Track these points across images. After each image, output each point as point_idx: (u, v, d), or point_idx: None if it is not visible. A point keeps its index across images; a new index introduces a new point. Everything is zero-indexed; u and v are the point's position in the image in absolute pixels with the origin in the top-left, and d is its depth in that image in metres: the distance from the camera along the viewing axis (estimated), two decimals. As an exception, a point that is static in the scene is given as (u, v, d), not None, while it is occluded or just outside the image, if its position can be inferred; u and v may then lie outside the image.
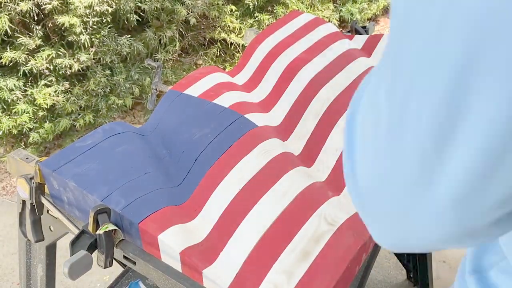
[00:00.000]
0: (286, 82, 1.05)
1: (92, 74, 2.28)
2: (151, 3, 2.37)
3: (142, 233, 0.73)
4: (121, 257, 0.78)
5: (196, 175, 0.83)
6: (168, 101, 1.00)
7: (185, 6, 2.55)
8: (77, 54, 2.16)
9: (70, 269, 0.67)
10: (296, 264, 0.67)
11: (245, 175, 0.80)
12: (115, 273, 1.49)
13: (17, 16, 2.00)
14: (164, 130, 0.94)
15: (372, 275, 1.79)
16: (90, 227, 0.72)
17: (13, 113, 2.13)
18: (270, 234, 0.71)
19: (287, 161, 0.85)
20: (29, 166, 0.91)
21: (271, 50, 1.14)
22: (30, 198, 0.86)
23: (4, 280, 1.79)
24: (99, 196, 0.77)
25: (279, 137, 0.93)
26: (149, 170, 0.83)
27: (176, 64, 2.90)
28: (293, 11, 1.29)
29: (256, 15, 2.99)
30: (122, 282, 1.39)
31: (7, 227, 2.03)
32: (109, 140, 0.88)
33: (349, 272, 0.70)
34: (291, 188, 0.78)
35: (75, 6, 2.02)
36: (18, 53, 2.02)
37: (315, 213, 0.75)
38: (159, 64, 1.23)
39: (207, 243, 0.73)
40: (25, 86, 2.15)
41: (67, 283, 1.71)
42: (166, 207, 0.76)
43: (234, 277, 0.67)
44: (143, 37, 2.48)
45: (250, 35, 1.38)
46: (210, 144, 0.87)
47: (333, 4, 3.53)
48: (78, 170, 0.81)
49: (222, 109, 0.94)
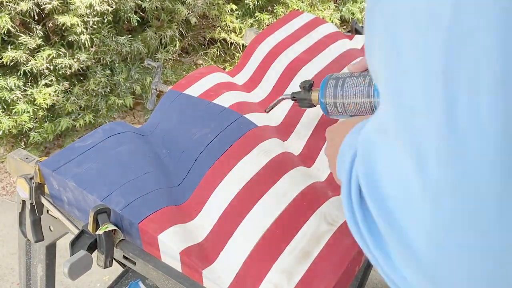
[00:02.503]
0: (286, 82, 1.05)
1: (92, 74, 2.28)
2: (152, 2, 2.37)
3: (142, 233, 0.73)
4: (121, 257, 0.78)
5: (196, 175, 0.83)
6: (168, 101, 1.00)
7: (185, 5, 2.55)
8: (77, 54, 2.16)
9: (70, 269, 0.67)
10: (296, 264, 0.67)
11: (245, 175, 0.80)
12: (115, 273, 1.49)
13: (18, 15, 1.99)
14: (164, 130, 0.94)
15: (372, 275, 1.79)
16: (90, 227, 0.72)
17: (13, 113, 2.13)
18: (270, 234, 0.71)
19: (287, 161, 0.85)
20: (29, 166, 0.91)
21: (271, 50, 1.14)
22: (30, 198, 0.86)
23: (4, 280, 1.79)
24: (99, 196, 0.77)
25: (279, 137, 0.92)
26: (149, 170, 0.83)
27: (176, 64, 2.90)
28: (293, 11, 1.29)
29: (256, 15, 2.99)
30: (122, 282, 1.39)
31: (7, 227, 2.03)
32: (109, 140, 0.88)
33: (349, 272, 0.70)
34: (291, 188, 0.78)
35: (76, 6, 2.02)
36: (19, 53, 2.02)
37: (315, 213, 0.75)
38: (159, 64, 1.23)
39: (207, 243, 0.73)
40: (25, 86, 2.15)
41: (67, 283, 1.71)
42: (166, 207, 0.76)
43: (234, 277, 0.67)
44: (144, 37, 2.48)
45: (250, 35, 1.38)
46: (210, 144, 0.87)
47: (334, 4, 3.53)
48: (78, 170, 0.81)
49: (222, 109, 0.94)
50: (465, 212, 0.25)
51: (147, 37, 2.48)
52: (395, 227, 0.29)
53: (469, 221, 0.25)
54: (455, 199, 0.25)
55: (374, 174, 0.31)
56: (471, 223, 0.25)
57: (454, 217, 0.25)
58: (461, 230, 0.25)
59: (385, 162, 0.30)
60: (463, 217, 0.25)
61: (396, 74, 0.27)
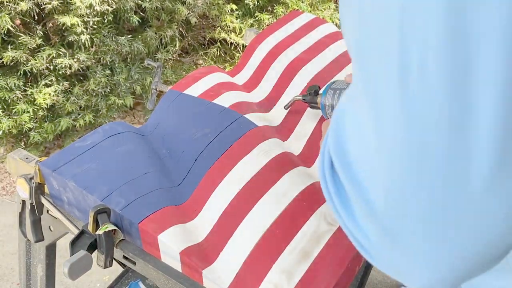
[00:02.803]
0: (286, 82, 1.05)
1: (92, 74, 2.28)
2: (152, 2, 2.37)
3: (142, 233, 0.73)
4: (121, 257, 0.77)
5: (196, 175, 0.83)
6: (168, 101, 1.00)
7: (185, 5, 2.55)
8: (77, 54, 2.16)
9: (70, 269, 0.67)
10: (296, 264, 0.67)
11: (245, 175, 0.80)
12: (115, 273, 1.49)
13: (18, 15, 2.00)
14: (164, 130, 0.94)
15: (372, 275, 1.79)
16: (90, 227, 0.72)
17: (13, 113, 2.13)
18: (270, 234, 0.71)
19: (287, 161, 0.85)
20: (29, 166, 0.91)
21: (271, 50, 1.14)
22: (30, 198, 0.86)
23: (4, 280, 1.79)
24: (99, 196, 0.77)
25: (279, 137, 0.92)
26: (149, 170, 0.83)
27: (176, 64, 2.90)
28: (293, 11, 1.29)
29: (256, 15, 2.99)
30: (122, 282, 1.39)
31: (7, 227, 2.03)
32: (109, 140, 0.88)
33: (349, 272, 0.70)
34: (291, 188, 0.78)
35: (76, 6, 2.02)
36: (19, 53, 2.02)
37: (315, 213, 0.75)
38: (159, 64, 1.23)
39: (207, 243, 0.73)
40: (25, 86, 2.15)
41: (67, 283, 1.71)
42: (166, 207, 0.76)
43: (234, 277, 0.67)
44: (144, 37, 2.48)
45: (250, 35, 1.38)
46: (210, 144, 0.87)
47: (334, 4, 3.53)
48: (78, 170, 0.81)
49: (222, 109, 0.94)
50: (415, 168, 0.27)
51: (147, 37, 2.48)
52: (358, 186, 0.31)
53: (417, 177, 0.27)
54: (406, 156, 0.27)
55: (342, 140, 0.33)
56: (419, 179, 0.27)
57: (406, 173, 0.27)
58: (412, 185, 0.27)
59: (352, 126, 0.32)
60: (413, 174, 0.27)
61: (360, 39, 0.28)
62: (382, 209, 0.29)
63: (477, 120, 0.24)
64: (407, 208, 0.28)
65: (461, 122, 0.25)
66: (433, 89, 0.24)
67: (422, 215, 0.28)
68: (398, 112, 0.26)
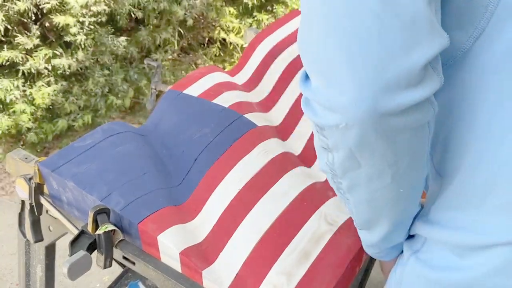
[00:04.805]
0: (286, 82, 1.05)
1: (90, 74, 2.28)
2: (149, 3, 2.37)
3: (142, 234, 0.73)
4: (121, 257, 0.77)
5: (196, 175, 0.83)
6: (168, 101, 1.00)
7: (182, 6, 2.54)
8: (75, 54, 2.16)
9: (69, 269, 0.67)
10: (296, 265, 0.67)
11: (245, 175, 0.80)
12: (115, 274, 1.49)
13: (15, 15, 1.99)
14: (164, 130, 0.94)
15: (372, 275, 1.78)
16: (90, 227, 0.72)
17: (11, 113, 2.13)
18: (270, 235, 0.71)
19: (287, 161, 0.85)
20: (28, 166, 0.91)
21: (271, 49, 1.14)
22: (29, 198, 0.86)
23: (3, 280, 1.79)
24: (99, 196, 0.77)
25: (279, 137, 0.92)
26: (149, 170, 0.82)
27: (175, 64, 2.90)
28: (293, 11, 1.29)
29: (255, 14, 2.99)
30: (121, 282, 1.39)
31: (6, 227, 2.02)
32: (109, 140, 0.88)
33: (349, 272, 0.70)
34: (291, 188, 0.78)
35: (71, 6, 2.02)
36: (15, 52, 2.01)
37: (315, 213, 0.75)
38: (159, 63, 1.23)
39: (207, 244, 0.72)
40: (24, 86, 2.15)
41: (67, 283, 1.71)
42: (166, 207, 0.76)
43: (234, 277, 0.67)
44: (137, 38, 2.48)
45: (250, 35, 1.38)
46: (209, 144, 0.86)
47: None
48: (77, 170, 0.81)
49: (221, 109, 0.94)
50: (350, 22, 0.34)
51: (144, 37, 2.48)
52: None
53: (351, 30, 0.34)
54: (343, 14, 0.35)
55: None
56: (353, 32, 0.34)
57: (342, 28, 0.35)
58: (345, 37, 0.35)
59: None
60: (348, 26, 0.35)
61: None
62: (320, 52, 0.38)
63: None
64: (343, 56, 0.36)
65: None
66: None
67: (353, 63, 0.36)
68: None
